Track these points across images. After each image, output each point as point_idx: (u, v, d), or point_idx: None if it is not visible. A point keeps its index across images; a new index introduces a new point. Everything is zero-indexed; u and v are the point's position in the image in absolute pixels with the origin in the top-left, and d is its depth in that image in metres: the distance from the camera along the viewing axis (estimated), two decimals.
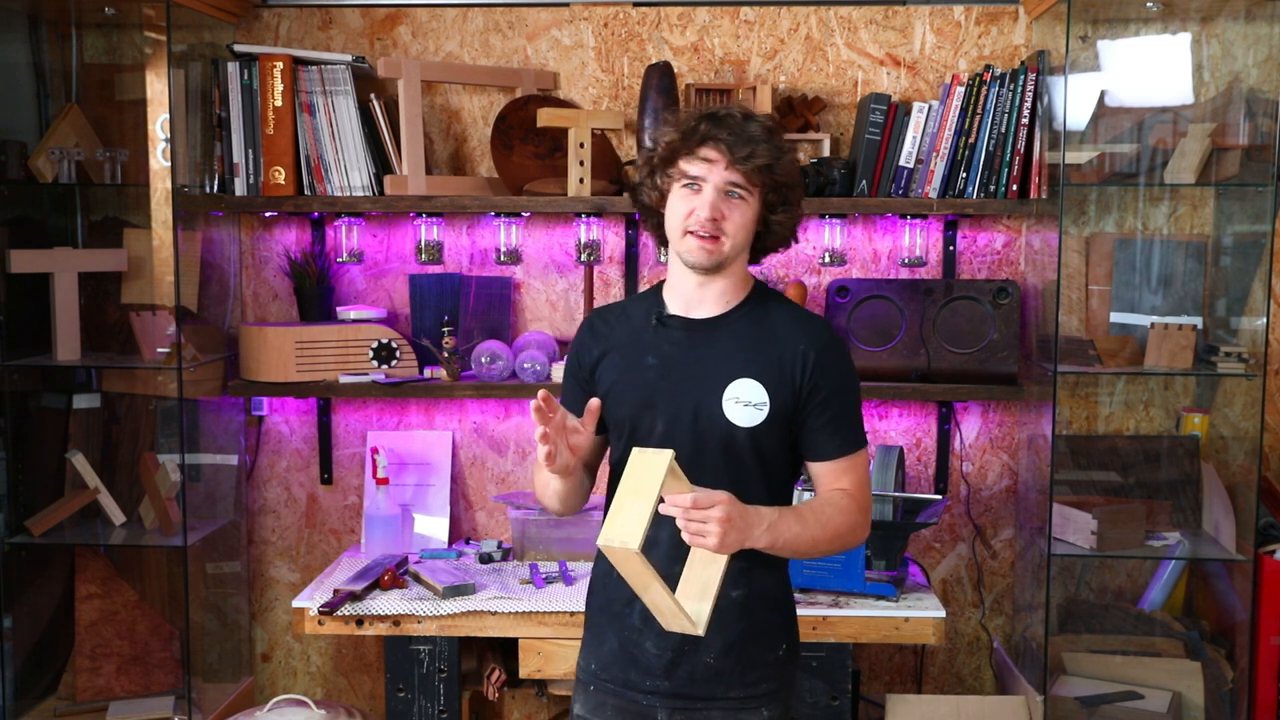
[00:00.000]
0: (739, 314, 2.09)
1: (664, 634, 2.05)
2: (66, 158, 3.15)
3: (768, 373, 2.04)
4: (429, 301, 3.33)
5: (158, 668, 3.28)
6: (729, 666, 2.08)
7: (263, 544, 3.50)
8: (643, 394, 2.07)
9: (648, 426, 2.06)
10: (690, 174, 2.02)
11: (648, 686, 2.10)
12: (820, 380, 2.05)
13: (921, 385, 3.19)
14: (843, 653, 2.91)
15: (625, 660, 2.12)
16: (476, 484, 3.46)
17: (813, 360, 2.05)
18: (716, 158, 2.00)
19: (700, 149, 2.01)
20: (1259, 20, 3.17)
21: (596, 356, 2.15)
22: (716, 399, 2.03)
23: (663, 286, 2.16)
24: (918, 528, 3.02)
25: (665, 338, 2.10)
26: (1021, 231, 3.33)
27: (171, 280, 3.04)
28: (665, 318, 2.11)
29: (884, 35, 3.29)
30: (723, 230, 2.01)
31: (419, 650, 2.95)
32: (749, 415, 2.03)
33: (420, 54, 3.33)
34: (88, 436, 3.29)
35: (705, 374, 2.05)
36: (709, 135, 2.00)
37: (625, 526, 1.78)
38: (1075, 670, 3.17)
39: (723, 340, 2.07)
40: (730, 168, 1.99)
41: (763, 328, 2.08)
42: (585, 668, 2.19)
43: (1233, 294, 3.21)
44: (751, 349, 2.06)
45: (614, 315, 2.19)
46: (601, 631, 2.16)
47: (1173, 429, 3.32)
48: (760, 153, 1.99)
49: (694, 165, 2.01)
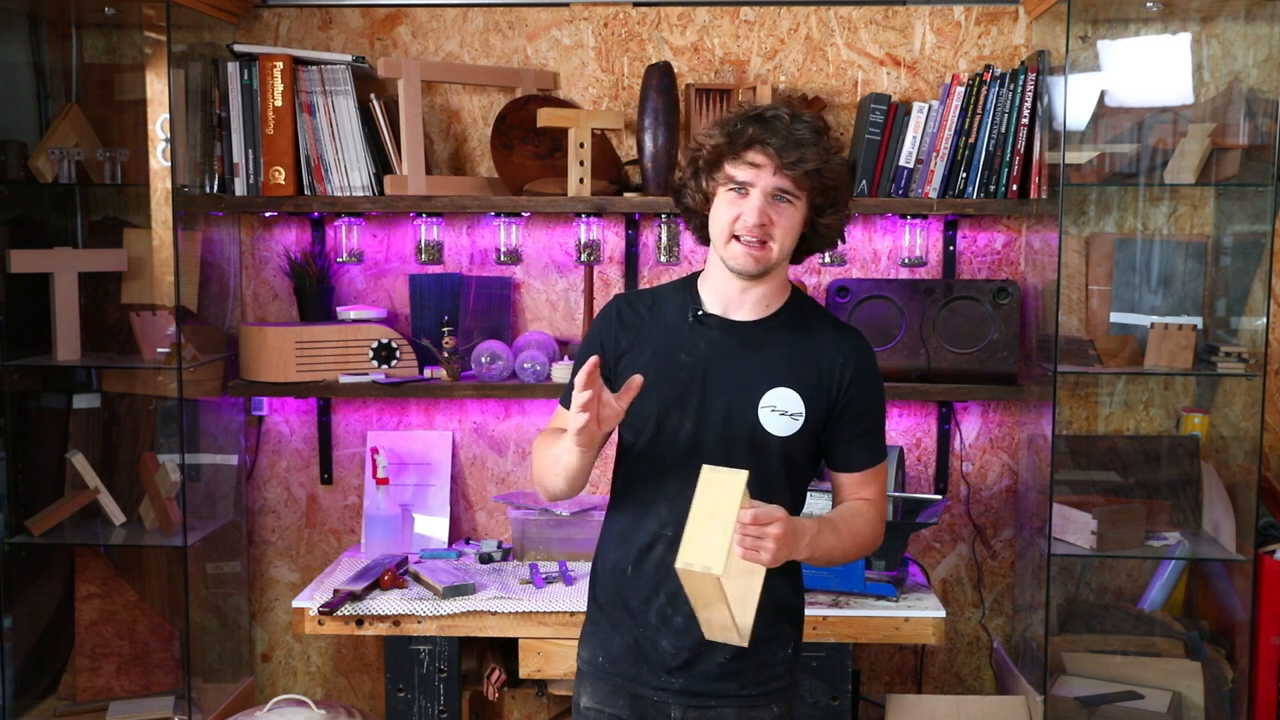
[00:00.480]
0: (779, 320, 2.07)
1: (681, 633, 2.04)
2: (66, 158, 3.15)
3: (806, 384, 2.03)
4: (429, 301, 3.33)
5: (158, 668, 3.28)
6: (742, 667, 2.07)
7: (263, 544, 3.50)
8: (674, 391, 2.03)
9: (675, 424, 2.03)
10: (737, 179, 1.97)
11: (660, 683, 2.08)
12: (856, 394, 2.05)
13: (921, 385, 3.19)
14: (843, 653, 2.91)
15: (636, 656, 2.10)
16: (476, 484, 3.46)
17: (850, 375, 2.04)
18: (764, 162, 1.95)
19: (747, 153, 1.96)
20: (1259, 20, 3.16)
21: (624, 346, 2.09)
22: (752, 405, 2.01)
23: (696, 279, 2.12)
24: (918, 528, 3.02)
25: (702, 336, 2.06)
26: (1021, 231, 3.33)
27: (171, 280, 3.04)
28: (704, 316, 2.07)
29: (884, 35, 3.29)
30: (770, 236, 1.97)
31: (419, 650, 2.95)
32: (785, 424, 2.01)
33: (420, 54, 3.33)
34: (88, 436, 3.29)
35: (743, 379, 2.03)
36: (756, 139, 1.95)
37: (706, 549, 1.76)
38: (1075, 670, 3.17)
39: (762, 346, 2.04)
40: (778, 173, 1.95)
41: (802, 337, 2.06)
42: (592, 660, 2.15)
43: (1233, 294, 3.21)
44: (791, 358, 2.04)
45: (644, 305, 2.12)
46: (611, 627, 2.12)
47: (1173, 429, 3.32)
48: (809, 156, 1.94)
49: (741, 170, 1.97)
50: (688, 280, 2.14)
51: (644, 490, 2.08)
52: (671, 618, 2.05)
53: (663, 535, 2.04)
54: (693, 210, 2.09)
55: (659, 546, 2.05)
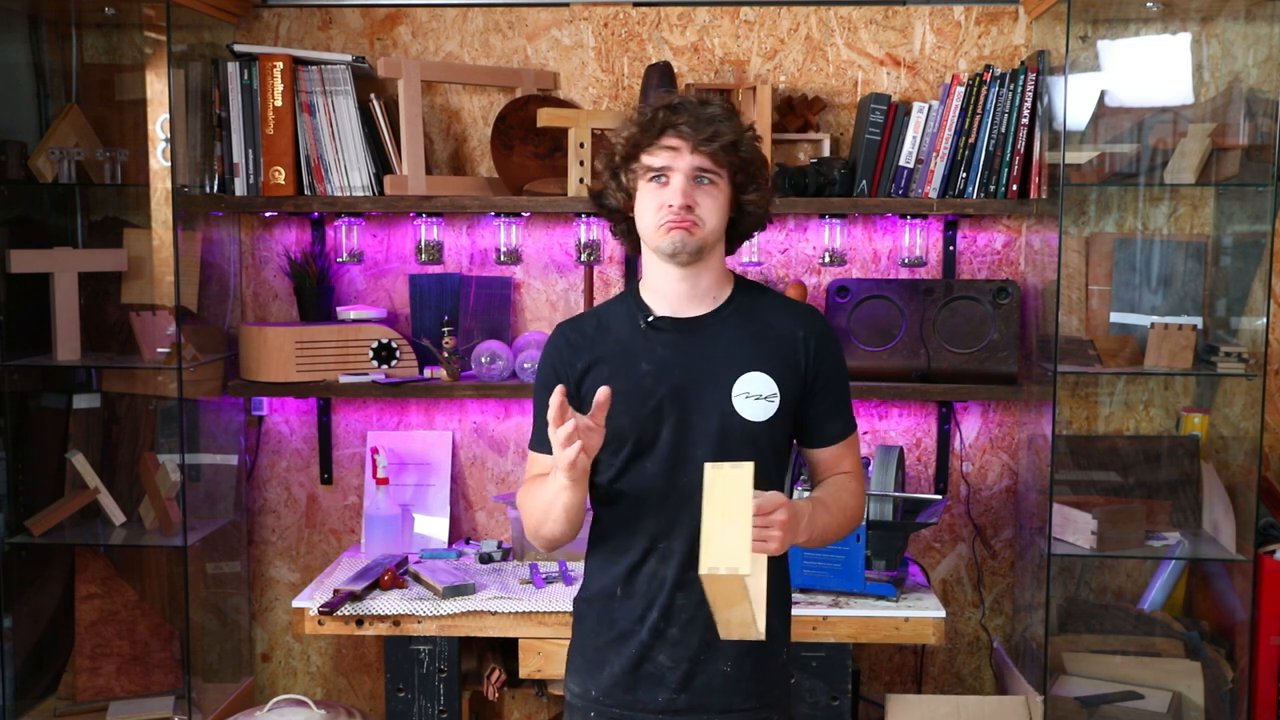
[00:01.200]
0: (730, 309, 2.05)
1: (678, 644, 2.01)
2: (66, 158, 3.15)
3: (774, 364, 2.01)
4: (429, 301, 3.33)
5: (158, 668, 3.28)
6: (744, 674, 2.03)
7: (263, 544, 3.50)
8: (643, 402, 1.99)
9: (652, 435, 1.99)
10: (655, 166, 1.96)
11: (660, 704, 2.03)
12: (822, 365, 2.04)
13: (921, 385, 3.19)
14: (843, 653, 2.91)
15: (632, 680, 2.04)
16: (476, 484, 3.46)
17: (814, 346, 2.04)
18: (679, 144, 1.94)
19: (662, 138, 1.95)
20: (1259, 20, 3.16)
21: (582, 369, 2.04)
22: (726, 397, 1.99)
23: (637, 291, 2.09)
24: (918, 528, 3.02)
25: (659, 341, 2.03)
26: (1021, 231, 3.33)
27: (171, 280, 3.04)
28: (656, 321, 2.04)
29: (884, 35, 3.29)
30: (698, 218, 1.95)
31: (419, 650, 2.95)
32: (762, 409, 1.99)
33: (420, 54, 3.33)
34: (88, 436, 3.29)
35: (710, 373, 2.00)
36: (669, 123, 1.94)
37: (729, 550, 1.73)
38: (1075, 670, 3.17)
39: (720, 337, 2.02)
40: (695, 151, 1.94)
41: (757, 319, 2.04)
42: (582, 693, 2.09)
43: (1233, 294, 3.21)
44: (752, 342, 2.02)
45: (589, 326, 2.09)
46: (601, 656, 2.07)
47: (1173, 429, 3.32)
48: (724, 130, 1.94)
49: (658, 156, 1.95)
50: (627, 293, 2.12)
51: (626, 508, 2.03)
52: (666, 630, 2.01)
53: (654, 549, 2.01)
54: (617, 212, 2.06)
55: (651, 560, 2.01)
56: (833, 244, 3.26)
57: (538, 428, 2.08)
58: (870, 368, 3.19)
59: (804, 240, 3.35)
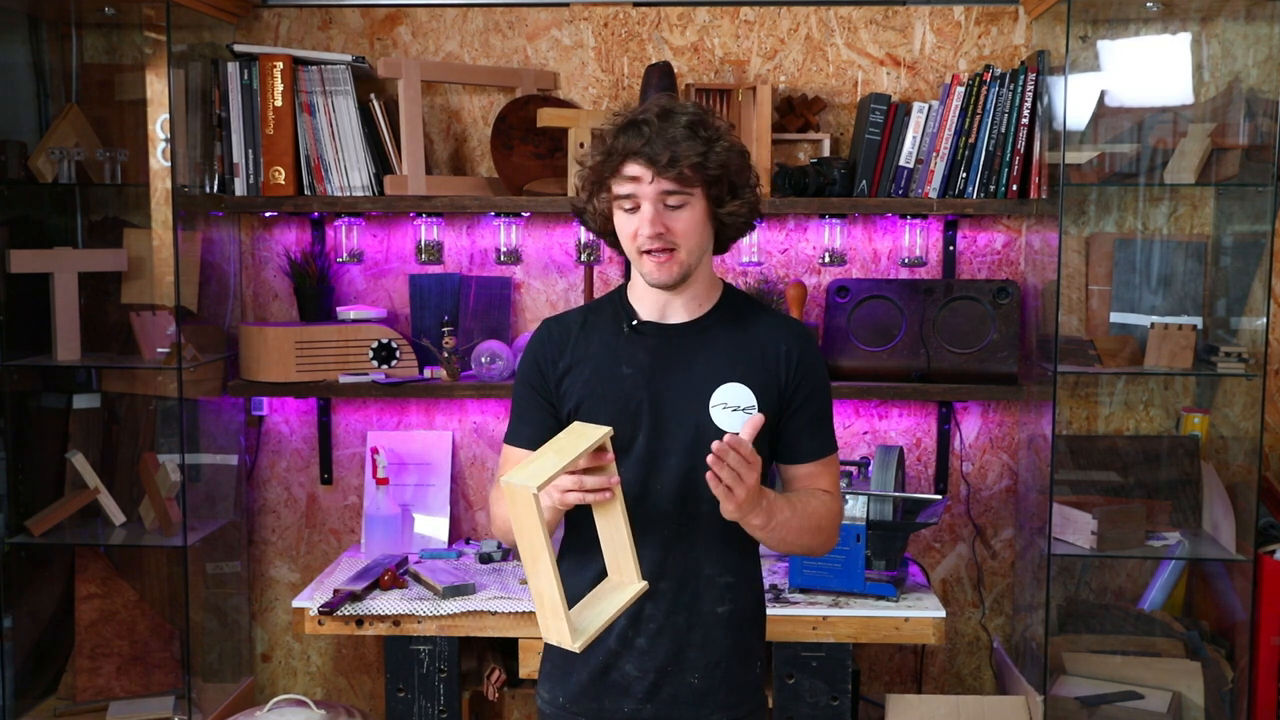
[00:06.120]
0: (715, 317, 2.03)
1: (645, 653, 1.99)
2: (66, 158, 3.15)
3: (753, 375, 1.99)
4: (429, 301, 3.33)
5: (158, 668, 3.28)
6: (714, 686, 2.01)
7: (263, 544, 3.51)
8: (621, 405, 1.97)
9: (627, 438, 1.96)
10: (622, 194, 1.92)
11: (626, 713, 2.00)
12: (803, 380, 2.02)
13: (921, 385, 3.19)
14: (843, 653, 2.91)
15: (598, 689, 2.02)
16: (476, 484, 3.46)
17: (796, 359, 2.01)
18: (641, 173, 1.89)
19: (623, 167, 1.91)
20: (1259, 20, 3.17)
21: (563, 368, 2.03)
22: (703, 406, 1.97)
23: (624, 292, 2.08)
24: (918, 528, 3.02)
25: (641, 345, 2.01)
26: (1021, 231, 3.33)
27: (171, 280, 3.04)
28: (640, 325, 2.03)
29: (884, 35, 3.29)
30: (672, 244, 1.91)
31: (419, 650, 2.95)
32: (739, 421, 1.95)
33: (420, 54, 3.33)
34: (88, 436, 3.29)
35: (689, 381, 1.98)
36: (629, 150, 1.89)
37: (533, 471, 1.72)
38: (1075, 670, 3.17)
39: (703, 346, 2.00)
40: (658, 179, 1.89)
41: (742, 330, 2.02)
42: (551, 700, 2.08)
43: (1233, 294, 3.21)
44: (734, 353, 2.00)
45: (575, 323, 2.07)
46: (569, 663, 2.04)
47: (1173, 429, 3.32)
48: (684, 152, 1.87)
49: (623, 185, 1.92)
50: (616, 293, 2.10)
51: None
52: (634, 639, 1.99)
53: None
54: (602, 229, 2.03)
55: None
56: (833, 244, 3.26)
57: (515, 421, 2.08)
58: (870, 368, 3.20)
59: (804, 240, 3.35)
